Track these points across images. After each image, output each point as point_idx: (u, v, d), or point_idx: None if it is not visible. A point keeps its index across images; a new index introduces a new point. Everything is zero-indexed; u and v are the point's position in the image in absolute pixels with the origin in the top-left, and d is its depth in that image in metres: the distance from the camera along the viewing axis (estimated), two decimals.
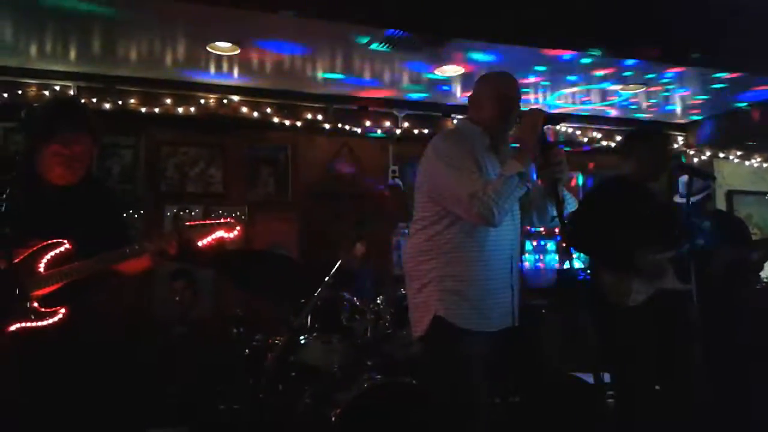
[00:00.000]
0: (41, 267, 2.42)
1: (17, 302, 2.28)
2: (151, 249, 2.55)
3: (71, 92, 5.17)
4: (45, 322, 2.39)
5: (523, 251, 5.80)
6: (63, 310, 2.42)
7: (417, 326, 2.58)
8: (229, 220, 2.70)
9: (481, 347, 2.50)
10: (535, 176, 2.61)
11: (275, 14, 4.17)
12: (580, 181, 6.94)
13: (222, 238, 2.67)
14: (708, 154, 7.24)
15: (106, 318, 2.88)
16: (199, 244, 2.63)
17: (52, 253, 2.44)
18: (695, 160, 7.20)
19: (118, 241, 2.55)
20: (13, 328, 2.31)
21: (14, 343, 2.31)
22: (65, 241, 2.46)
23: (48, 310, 2.40)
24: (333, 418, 3.22)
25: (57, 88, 5.13)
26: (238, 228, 2.71)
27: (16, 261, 2.33)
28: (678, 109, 6.74)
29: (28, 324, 2.35)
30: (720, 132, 6.91)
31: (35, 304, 2.38)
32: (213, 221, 2.67)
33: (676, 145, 7.22)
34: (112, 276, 2.67)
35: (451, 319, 2.47)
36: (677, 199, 3.89)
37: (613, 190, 3.50)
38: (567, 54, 5.03)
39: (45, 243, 2.44)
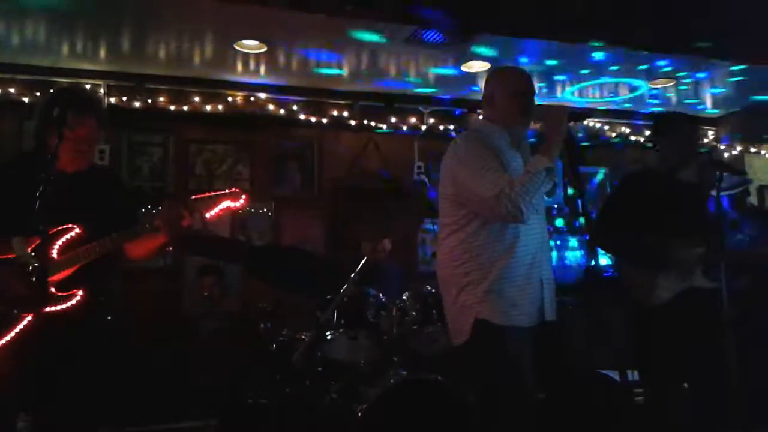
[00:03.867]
0: (54, 252, 2.47)
1: (37, 290, 2.32)
2: (162, 220, 2.55)
3: (101, 90, 5.24)
4: (63, 306, 2.45)
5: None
6: (80, 293, 2.47)
7: (458, 332, 2.54)
8: (234, 190, 2.69)
9: (524, 343, 2.49)
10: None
11: (303, 12, 4.19)
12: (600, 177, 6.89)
13: (229, 207, 2.67)
14: (739, 148, 7.12)
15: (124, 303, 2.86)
16: (207, 215, 2.63)
17: (64, 238, 2.50)
18: (726, 155, 7.08)
19: (127, 225, 2.58)
20: (34, 313, 2.36)
21: (35, 329, 2.36)
22: (75, 227, 2.51)
23: (65, 294, 2.46)
24: (359, 414, 3.23)
25: (87, 86, 5.18)
26: (243, 197, 2.70)
27: (30, 248, 2.39)
28: (708, 104, 6.64)
29: (48, 309, 2.40)
30: (751, 126, 6.79)
31: (52, 289, 2.44)
32: (218, 192, 2.67)
33: (706, 140, 7.11)
34: (125, 259, 2.70)
35: (495, 320, 2.45)
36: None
37: (637, 185, 3.39)
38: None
39: (56, 229, 2.49)
